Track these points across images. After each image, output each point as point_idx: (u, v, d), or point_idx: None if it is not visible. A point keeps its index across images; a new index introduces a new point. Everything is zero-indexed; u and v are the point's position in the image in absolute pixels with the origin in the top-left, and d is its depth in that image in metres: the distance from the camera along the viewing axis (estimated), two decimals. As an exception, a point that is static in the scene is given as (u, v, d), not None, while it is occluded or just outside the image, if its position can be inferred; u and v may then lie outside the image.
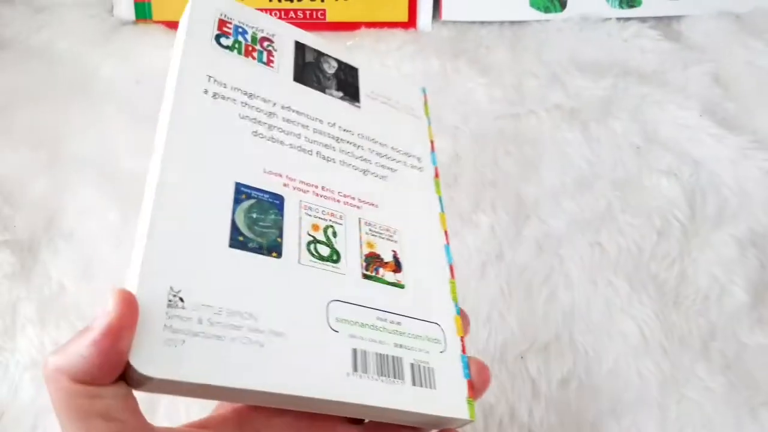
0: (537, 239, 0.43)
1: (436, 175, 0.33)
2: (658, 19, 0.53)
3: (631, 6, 0.53)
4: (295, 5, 0.54)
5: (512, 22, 0.54)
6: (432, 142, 0.34)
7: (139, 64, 0.52)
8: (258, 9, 0.33)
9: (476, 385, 0.27)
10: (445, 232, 0.31)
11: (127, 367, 0.21)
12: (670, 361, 0.39)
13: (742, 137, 0.47)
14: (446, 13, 0.54)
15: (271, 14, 0.54)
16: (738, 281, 0.41)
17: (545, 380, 0.38)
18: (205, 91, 0.28)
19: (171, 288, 0.23)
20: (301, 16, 0.54)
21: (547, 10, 0.53)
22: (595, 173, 0.46)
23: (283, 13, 0.54)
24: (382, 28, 0.54)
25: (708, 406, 0.37)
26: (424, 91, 0.36)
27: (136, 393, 0.21)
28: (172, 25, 0.54)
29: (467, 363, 0.27)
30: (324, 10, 0.54)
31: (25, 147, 0.48)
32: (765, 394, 0.37)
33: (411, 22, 0.54)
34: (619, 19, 0.53)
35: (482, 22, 0.54)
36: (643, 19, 0.53)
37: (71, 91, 0.51)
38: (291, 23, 0.53)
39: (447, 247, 0.30)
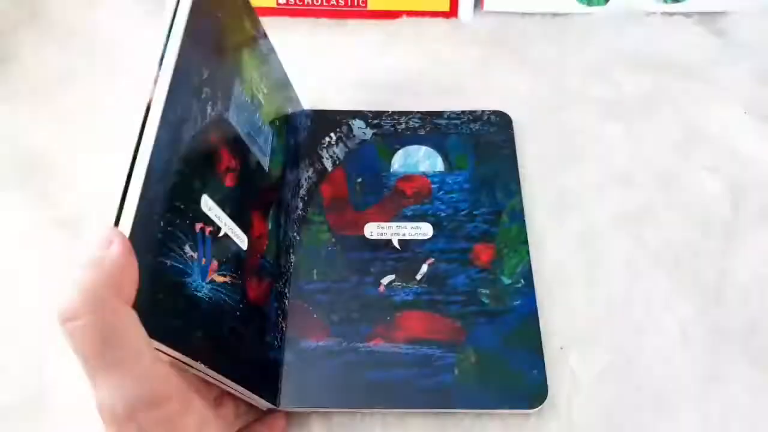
0: (578, 233, 0.43)
1: None
2: (703, 14, 0.53)
3: (676, 1, 0.52)
4: (337, -8, 0.54)
5: (554, 15, 0.53)
6: None
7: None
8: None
9: None
10: None
11: None
12: (712, 357, 0.39)
13: (787, 135, 0.46)
14: (488, 4, 0.53)
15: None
16: (780, 279, 0.41)
17: (585, 372, 0.38)
18: None
19: None
20: (342, 3, 0.54)
21: (590, 3, 0.53)
22: (637, 168, 0.46)
23: (324, 0, 0.54)
24: (423, 17, 0.54)
25: (750, 404, 0.37)
26: None
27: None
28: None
29: None
30: (365, -3, 0.54)
31: (71, 126, 0.48)
32: (808, 392, 0.37)
33: (452, 12, 0.54)
34: (663, 13, 0.52)
35: (524, 14, 0.54)
36: (687, 15, 0.52)
37: (117, 72, 0.51)
38: (331, 11, 0.53)
39: None
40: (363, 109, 0.48)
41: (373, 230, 0.42)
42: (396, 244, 0.42)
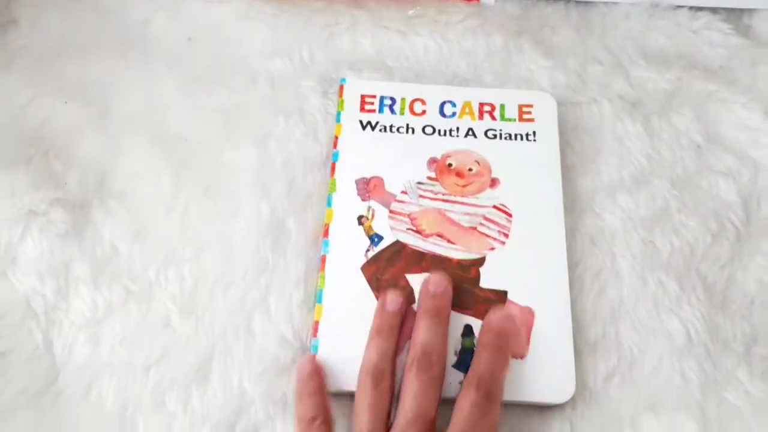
0: (590, 234, 0.43)
1: None
2: (730, 11, 0.51)
3: (704, -6, 0.51)
4: (356, -32, 0.52)
5: (578, 2, 0.52)
6: None
7: (190, 21, 0.51)
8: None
9: None
10: None
11: None
12: (713, 364, 0.40)
13: (807, 143, 0.46)
14: (512, -12, 0.52)
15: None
16: (786, 288, 0.42)
17: (591, 375, 0.39)
18: None
19: None
20: (361, -21, 0.52)
21: (616, -8, 0.51)
22: (653, 170, 0.46)
23: (342, -26, 0.52)
24: (444, 0, 0.52)
25: (747, 411, 0.39)
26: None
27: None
28: (228, -20, 0.52)
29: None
30: (386, -25, 0.52)
31: (75, 102, 0.47)
32: (806, 404, 0.38)
33: (475, -5, 0.52)
34: (690, 8, 0.51)
35: (548, 0, 0.52)
36: (714, 10, 0.51)
37: (120, 44, 0.50)
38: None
39: None
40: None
41: None
42: None
